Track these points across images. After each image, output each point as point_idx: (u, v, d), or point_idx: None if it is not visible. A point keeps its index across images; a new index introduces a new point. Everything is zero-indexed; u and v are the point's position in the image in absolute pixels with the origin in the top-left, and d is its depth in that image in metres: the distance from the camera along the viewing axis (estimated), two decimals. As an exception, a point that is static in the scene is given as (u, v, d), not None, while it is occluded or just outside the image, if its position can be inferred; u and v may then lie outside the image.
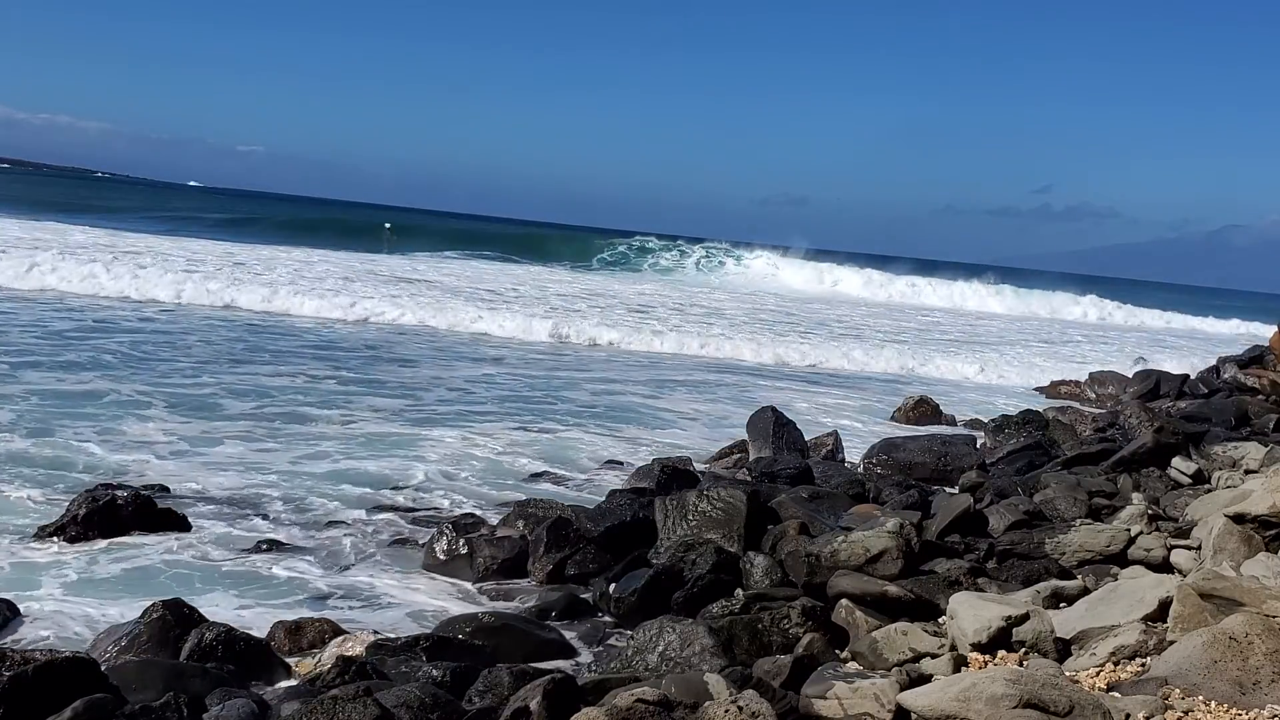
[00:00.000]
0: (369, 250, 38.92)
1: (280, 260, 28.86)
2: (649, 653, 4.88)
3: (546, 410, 12.18)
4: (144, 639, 5.07)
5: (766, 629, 5.04)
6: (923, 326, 30.83)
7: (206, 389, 11.49)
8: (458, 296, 23.67)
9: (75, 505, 6.69)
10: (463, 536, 6.70)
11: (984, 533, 6.64)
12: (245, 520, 7.32)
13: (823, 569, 5.63)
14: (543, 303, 24.51)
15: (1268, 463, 7.81)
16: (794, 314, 29.84)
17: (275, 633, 5.41)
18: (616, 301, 27.17)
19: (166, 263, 24.08)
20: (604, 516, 6.92)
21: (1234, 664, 3.82)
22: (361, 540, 7.18)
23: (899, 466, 9.39)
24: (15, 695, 4.02)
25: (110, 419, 9.64)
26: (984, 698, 3.59)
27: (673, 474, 8.22)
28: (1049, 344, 28.72)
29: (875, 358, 20.62)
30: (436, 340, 18.01)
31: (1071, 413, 12.09)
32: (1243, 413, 11.17)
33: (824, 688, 4.05)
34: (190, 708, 4.13)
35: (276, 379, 12.55)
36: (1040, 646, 4.48)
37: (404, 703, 4.06)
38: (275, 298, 20.26)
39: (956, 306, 42.75)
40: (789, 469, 8.77)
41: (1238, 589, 4.32)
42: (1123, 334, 36.49)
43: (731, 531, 6.48)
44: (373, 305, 20.50)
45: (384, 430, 10.26)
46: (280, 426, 10.08)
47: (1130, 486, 7.74)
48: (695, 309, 27.99)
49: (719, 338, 21.00)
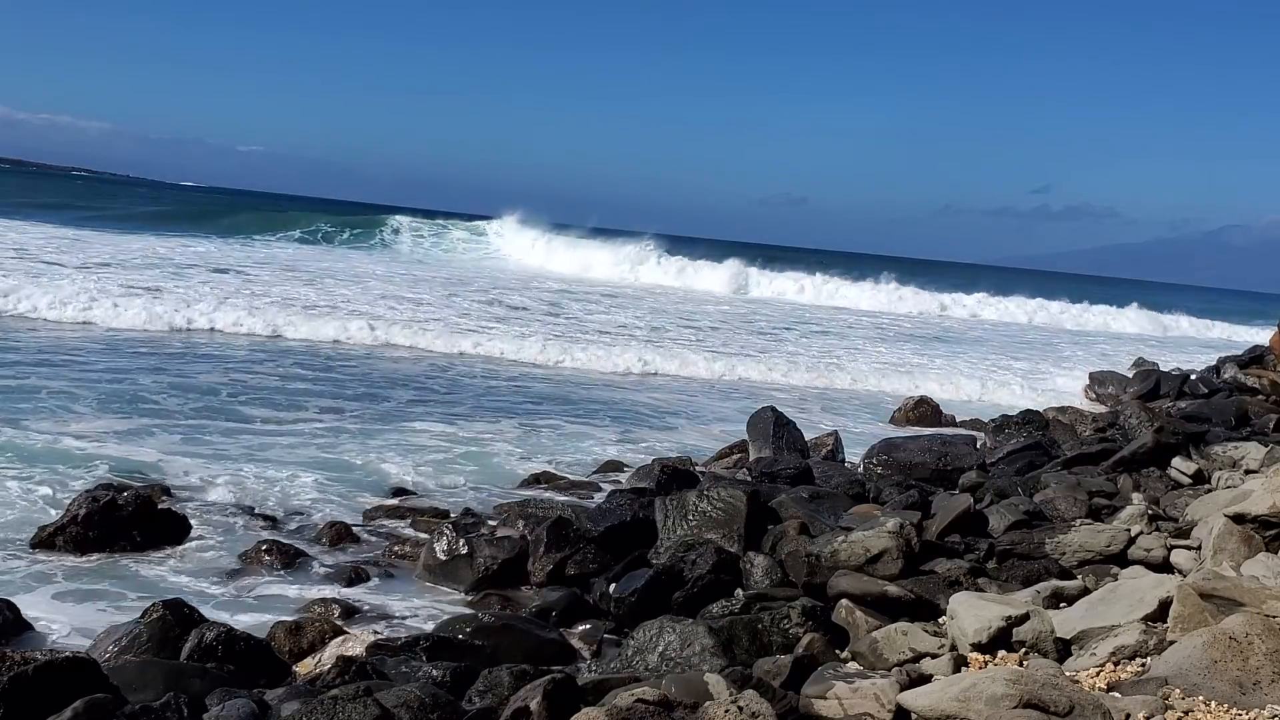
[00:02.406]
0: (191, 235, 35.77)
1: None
2: (649, 653, 4.88)
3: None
4: (144, 639, 5.07)
5: (766, 629, 5.04)
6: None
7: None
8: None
9: (75, 506, 6.69)
10: (463, 536, 6.70)
11: (984, 533, 6.64)
12: (245, 521, 7.32)
13: (823, 569, 5.63)
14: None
15: (1268, 463, 7.81)
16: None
17: (275, 633, 5.40)
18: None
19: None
20: (604, 516, 6.92)
21: (1234, 664, 3.82)
22: (361, 541, 7.19)
23: (899, 466, 9.39)
24: (15, 695, 4.02)
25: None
26: (984, 698, 3.59)
27: (673, 474, 8.22)
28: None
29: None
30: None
31: (1071, 413, 12.09)
32: (1243, 413, 11.17)
33: (824, 688, 4.05)
34: (190, 708, 4.13)
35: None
36: (1040, 646, 4.48)
37: (404, 703, 4.06)
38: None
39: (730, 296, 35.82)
40: (789, 469, 8.77)
41: (1238, 589, 4.32)
42: (1048, 336, 32.13)
43: (731, 531, 6.49)
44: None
45: (380, 431, 10.26)
46: (277, 428, 10.09)
47: (1130, 486, 7.74)
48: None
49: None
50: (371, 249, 40.58)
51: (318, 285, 22.87)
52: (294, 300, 19.72)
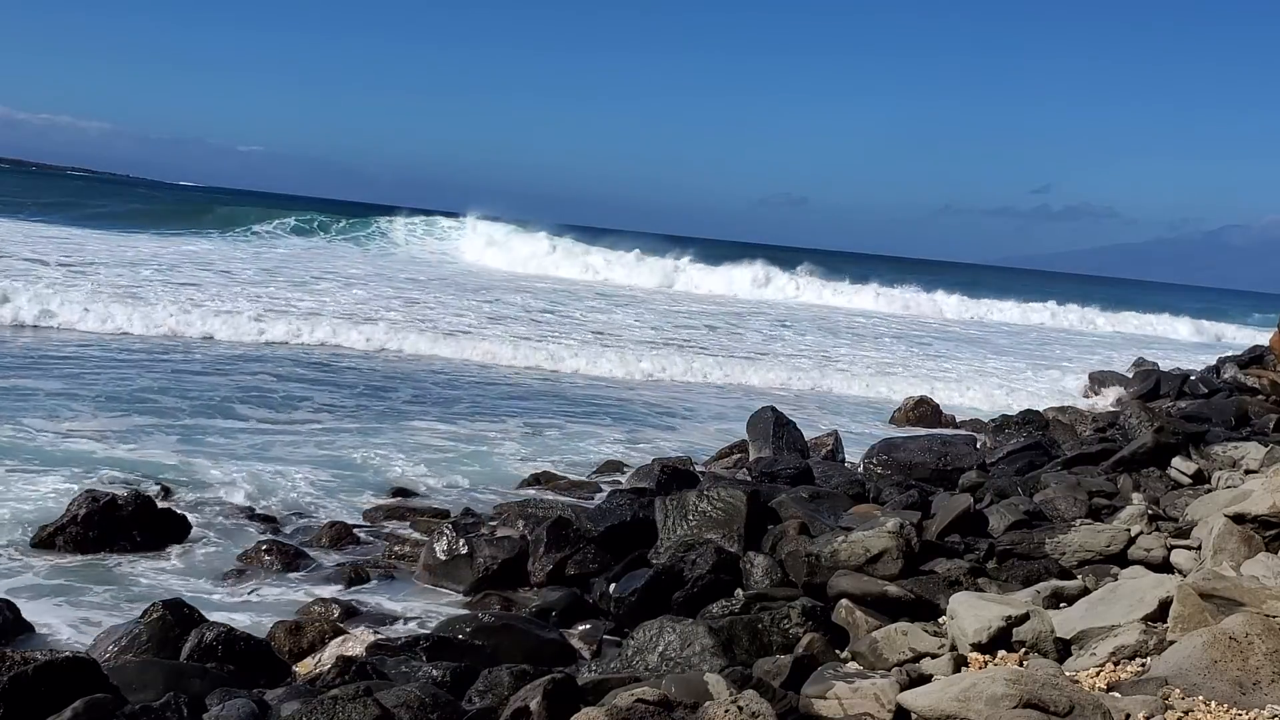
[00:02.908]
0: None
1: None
2: (649, 653, 4.88)
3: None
4: (144, 639, 5.07)
5: (766, 629, 5.04)
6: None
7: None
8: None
9: (75, 506, 6.69)
10: (462, 536, 6.70)
11: (984, 533, 6.63)
12: (245, 521, 7.32)
13: (823, 569, 5.63)
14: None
15: (1268, 463, 7.81)
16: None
17: (275, 633, 5.40)
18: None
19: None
20: (604, 516, 6.92)
21: (1234, 664, 3.82)
22: (361, 541, 7.19)
23: (899, 466, 9.39)
24: (15, 695, 4.02)
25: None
26: (984, 698, 3.59)
27: (673, 474, 8.23)
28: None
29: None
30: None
31: (1071, 412, 12.10)
32: (1243, 413, 11.17)
33: (824, 688, 4.05)
34: (190, 708, 4.13)
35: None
36: (1040, 646, 4.48)
37: (404, 703, 4.06)
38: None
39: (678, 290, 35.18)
40: (789, 469, 8.77)
41: (1238, 589, 4.32)
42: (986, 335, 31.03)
43: (731, 531, 6.48)
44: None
45: (380, 432, 10.26)
46: (281, 428, 10.08)
47: (1130, 486, 7.74)
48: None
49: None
50: (365, 244, 40.05)
51: (309, 287, 22.86)
52: (279, 299, 19.72)
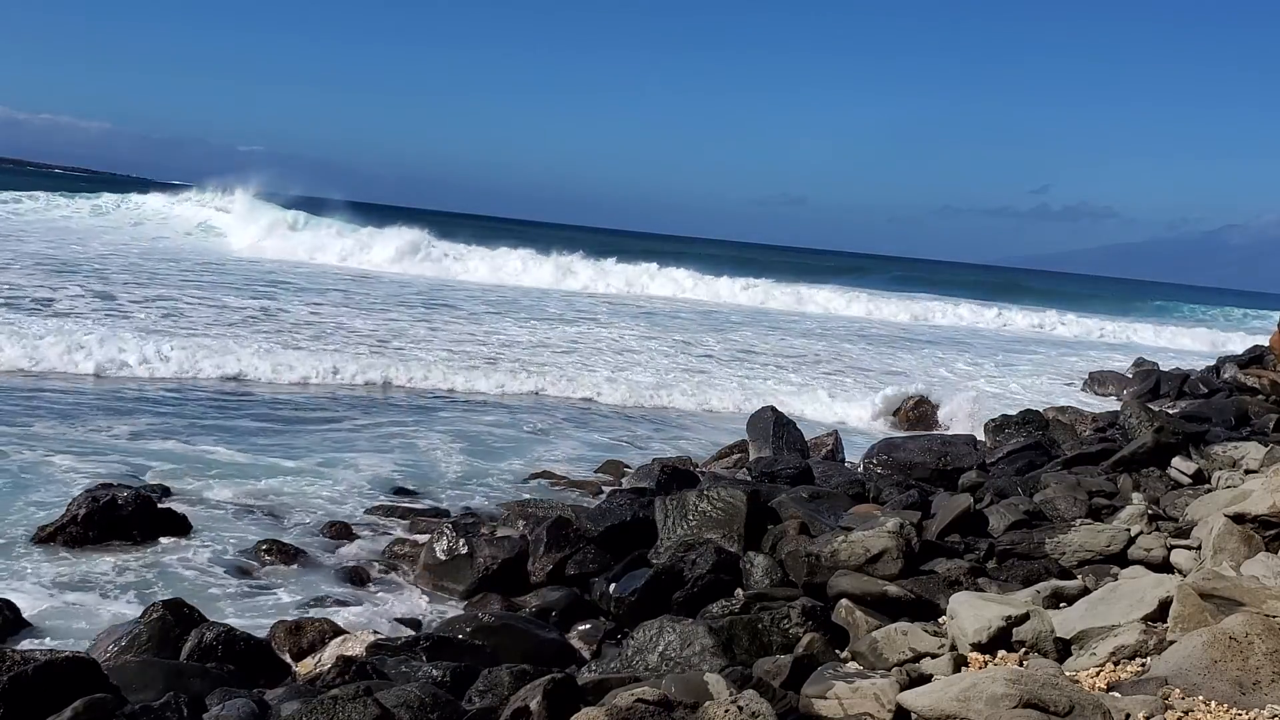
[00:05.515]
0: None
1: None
2: (649, 653, 4.88)
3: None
4: (144, 639, 5.07)
5: (766, 629, 5.03)
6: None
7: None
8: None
9: (75, 505, 6.69)
10: (462, 536, 6.70)
11: (984, 533, 6.63)
12: (245, 521, 7.32)
13: (823, 569, 5.62)
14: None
15: (1268, 463, 7.80)
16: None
17: (275, 633, 5.40)
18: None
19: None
20: (604, 516, 6.92)
21: (1234, 664, 3.81)
22: (361, 540, 7.19)
23: (899, 466, 9.39)
24: (15, 695, 4.02)
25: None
26: (984, 697, 3.59)
27: (673, 474, 8.22)
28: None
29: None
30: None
31: (1071, 412, 12.09)
32: (1243, 413, 11.16)
33: (824, 688, 4.04)
34: (190, 708, 4.13)
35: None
36: (1040, 646, 4.48)
37: (404, 703, 4.06)
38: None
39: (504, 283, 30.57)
40: (789, 469, 8.77)
41: (1238, 589, 4.32)
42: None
43: (731, 531, 6.48)
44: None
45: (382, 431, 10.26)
46: (280, 429, 10.08)
47: (1130, 486, 7.73)
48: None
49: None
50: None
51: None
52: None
